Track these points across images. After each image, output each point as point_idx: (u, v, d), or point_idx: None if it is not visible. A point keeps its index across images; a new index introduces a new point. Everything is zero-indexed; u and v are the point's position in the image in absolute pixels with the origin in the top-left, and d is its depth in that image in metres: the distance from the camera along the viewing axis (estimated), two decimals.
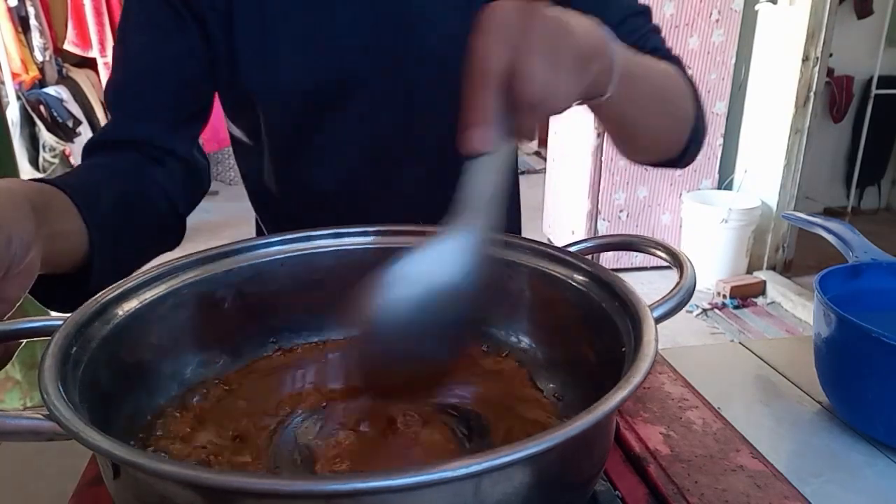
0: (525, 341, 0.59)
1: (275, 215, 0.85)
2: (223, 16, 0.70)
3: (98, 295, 0.48)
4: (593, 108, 0.55)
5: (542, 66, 0.40)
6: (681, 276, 0.51)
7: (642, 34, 0.70)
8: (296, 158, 0.77)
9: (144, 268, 0.54)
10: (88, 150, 0.71)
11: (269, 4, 0.70)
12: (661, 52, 0.70)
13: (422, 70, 0.73)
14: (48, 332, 0.44)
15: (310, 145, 0.76)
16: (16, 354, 0.51)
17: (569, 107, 0.44)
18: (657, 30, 0.73)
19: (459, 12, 0.70)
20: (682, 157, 0.69)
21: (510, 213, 0.92)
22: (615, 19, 0.69)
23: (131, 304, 0.50)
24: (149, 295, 0.51)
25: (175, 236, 0.74)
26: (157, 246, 0.71)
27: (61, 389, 0.37)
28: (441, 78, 0.72)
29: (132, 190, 0.66)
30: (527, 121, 0.42)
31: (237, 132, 0.82)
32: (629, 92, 0.51)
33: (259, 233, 0.91)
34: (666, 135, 0.65)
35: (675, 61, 0.70)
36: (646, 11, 0.73)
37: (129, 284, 0.51)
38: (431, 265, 0.43)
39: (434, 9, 0.71)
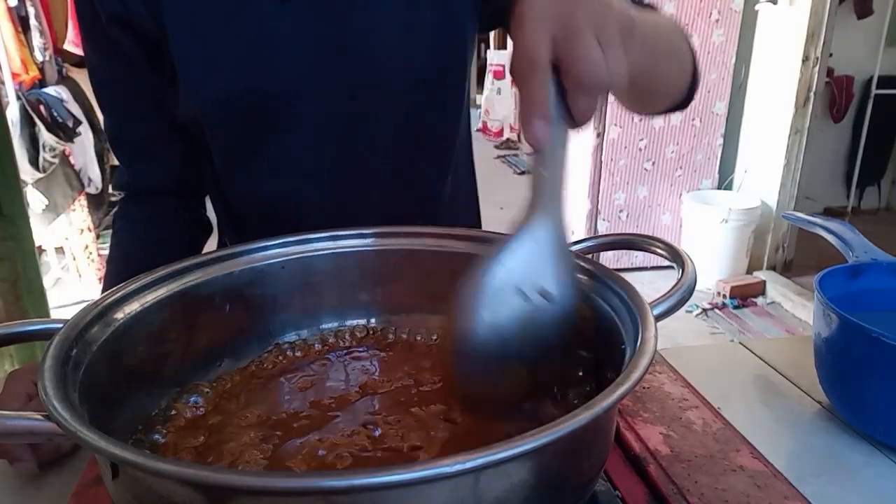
0: None
1: (233, 225, 0.85)
2: (160, 32, 0.68)
3: (98, 298, 0.48)
4: None
5: (594, 46, 0.39)
6: (681, 274, 0.51)
7: None
8: (241, 171, 0.76)
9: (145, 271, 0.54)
10: (123, 203, 0.82)
11: (204, 16, 0.68)
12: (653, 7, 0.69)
13: (367, 75, 0.71)
14: (48, 334, 0.44)
15: (254, 158, 0.75)
16: (14, 354, 0.51)
17: (625, 81, 0.42)
18: None
19: (404, 13, 0.70)
20: (688, 97, 0.68)
21: (471, 208, 0.92)
22: None
23: (132, 307, 0.50)
24: (149, 298, 0.52)
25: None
26: None
27: (61, 390, 0.37)
28: (387, 82, 0.72)
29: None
30: (586, 103, 0.41)
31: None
32: (644, 50, 0.50)
33: (221, 244, 0.89)
34: (675, 81, 0.65)
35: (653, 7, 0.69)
36: None
37: (129, 288, 0.51)
38: (523, 265, 0.42)
39: (377, 10, 0.70)
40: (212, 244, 0.85)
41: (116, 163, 0.82)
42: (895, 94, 3.72)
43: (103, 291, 0.68)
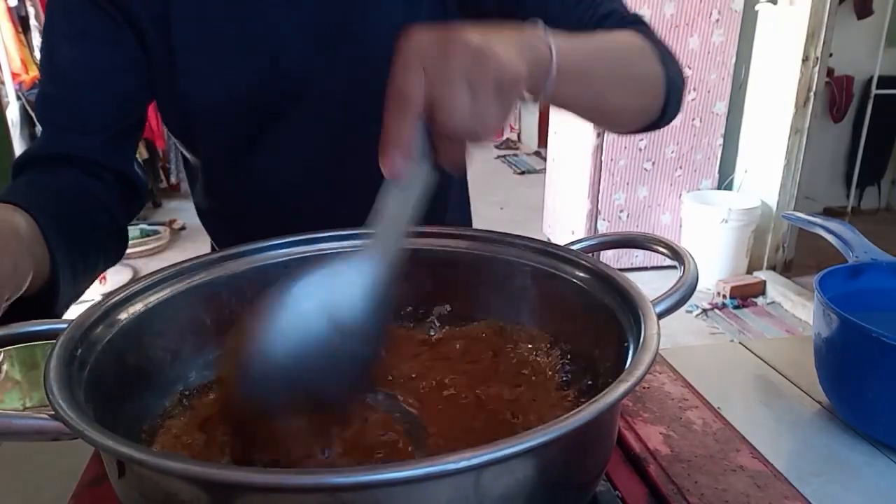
0: (528, 338, 0.59)
1: (220, 228, 0.83)
2: (161, 25, 0.67)
3: (102, 298, 0.49)
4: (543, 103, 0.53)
5: (461, 98, 0.39)
6: (682, 272, 0.51)
7: None
8: (239, 167, 0.75)
9: (149, 271, 0.54)
10: (21, 164, 0.68)
11: (209, 13, 0.67)
12: (616, 15, 0.67)
13: (366, 69, 0.70)
14: (52, 335, 0.44)
15: (252, 153, 0.74)
16: (14, 355, 0.52)
17: (494, 134, 0.43)
18: None
19: (405, 9, 0.70)
20: (662, 117, 0.67)
21: (462, 206, 0.91)
22: None
23: (136, 308, 0.50)
24: (153, 298, 0.52)
25: (119, 250, 0.73)
26: (105, 262, 0.69)
27: (67, 390, 0.38)
28: (384, 80, 0.72)
29: (78, 209, 0.65)
30: (451, 149, 0.41)
31: (179, 145, 0.80)
32: (577, 82, 0.50)
33: (213, 249, 0.86)
34: (635, 105, 0.64)
35: (635, 21, 0.67)
36: None
37: (134, 288, 0.51)
38: (325, 292, 0.40)
39: (378, 8, 0.70)
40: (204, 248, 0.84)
41: None
42: (895, 94, 3.72)
43: None
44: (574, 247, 0.58)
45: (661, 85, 0.64)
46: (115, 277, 2.96)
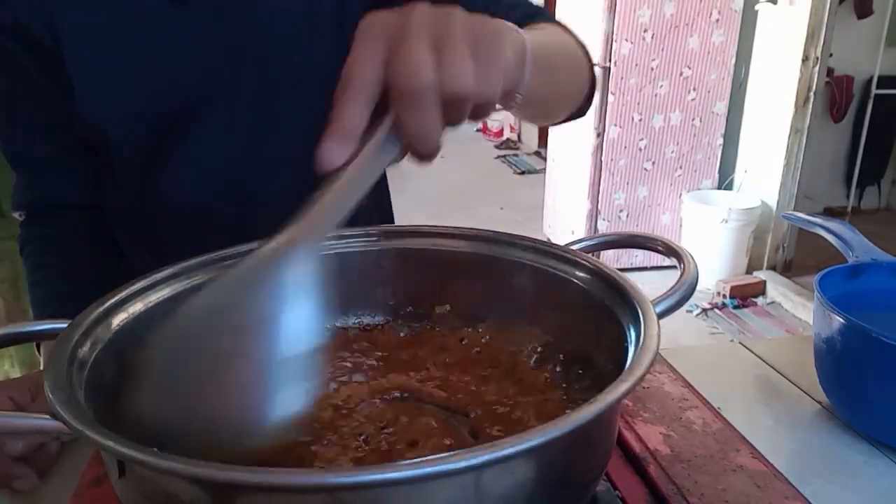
0: (528, 338, 0.59)
1: (137, 238, 0.81)
2: (55, 44, 0.65)
3: (102, 298, 0.48)
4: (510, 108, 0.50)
5: (421, 49, 0.34)
6: (682, 272, 0.51)
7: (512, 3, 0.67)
8: (148, 181, 0.73)
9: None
10: (29, 225, 0.78)
11: (100, 28, 0.66)
12: (543, 14, 0.68)
13: (268, 80, 0.70)
14: (53, 335, 0.44)
15: (160, 167, 0.72)
16: (14, 354, 0.53)
17: (487, 98, 0.37)
18: None
19: (301, 19, 0.69)
20: (584, 105, 0.70)
21: (381, 205, 0.89)
22: None
23: (136, 307, 0.50)
24: (154, 298, 0.52)
25: None
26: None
27: (66, 390, 0.38)
28: (289, 86, 0.71)
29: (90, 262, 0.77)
30: (413, 118, 0.35)
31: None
32: (542, 79, 0.48)
33: (126, 268, 0.82)
34: (574, 94, 0.67)
35: (553, 20, 0.68)
36: None
37: (134, 287, 0.51)
38: (242, 295, 0.37)
39: (275, 19, 0.69)
40: None
41: None
42: (895, 94, 3.72)
43: (36, 318, 0.70)
44: (574, 247, 0.58)
45: (588, 74, 0.67)
46: None
